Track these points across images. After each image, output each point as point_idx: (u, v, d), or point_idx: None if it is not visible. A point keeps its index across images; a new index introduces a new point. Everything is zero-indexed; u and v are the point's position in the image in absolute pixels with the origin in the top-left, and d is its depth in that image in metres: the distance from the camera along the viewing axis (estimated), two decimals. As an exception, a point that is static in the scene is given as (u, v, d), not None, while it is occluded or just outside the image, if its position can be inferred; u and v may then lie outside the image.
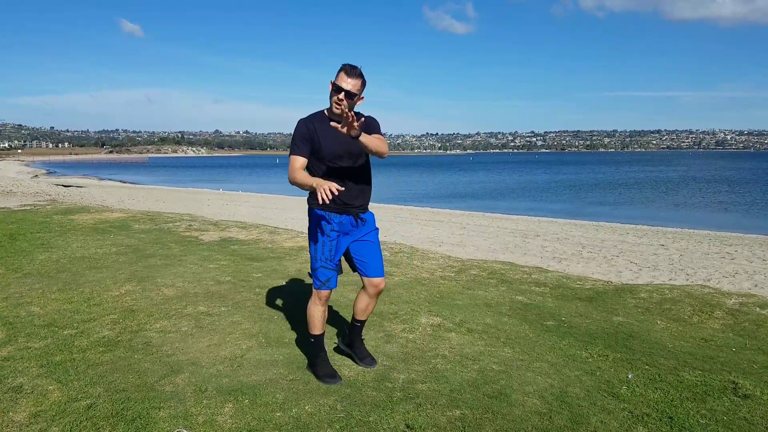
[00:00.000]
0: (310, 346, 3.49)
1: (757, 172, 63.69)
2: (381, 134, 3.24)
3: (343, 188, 2.99)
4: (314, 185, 2.94)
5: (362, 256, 3.41)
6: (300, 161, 3.19)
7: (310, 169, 3.25)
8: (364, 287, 3.49)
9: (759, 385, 3.33)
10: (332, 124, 2.90)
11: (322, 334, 3.45)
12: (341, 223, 3.30)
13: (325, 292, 3.35)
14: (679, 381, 3.39)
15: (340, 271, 3.38)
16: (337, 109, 3.12)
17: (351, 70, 3.12)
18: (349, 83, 3.10)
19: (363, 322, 3.63)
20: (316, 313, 3.39)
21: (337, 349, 3.77)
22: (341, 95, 3.10)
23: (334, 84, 3.12)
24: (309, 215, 3.38)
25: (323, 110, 3.28)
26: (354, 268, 3.49)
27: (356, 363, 3.58)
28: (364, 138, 2.95)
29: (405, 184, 43.31)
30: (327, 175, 3.19)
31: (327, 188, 2.84)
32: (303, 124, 3.24)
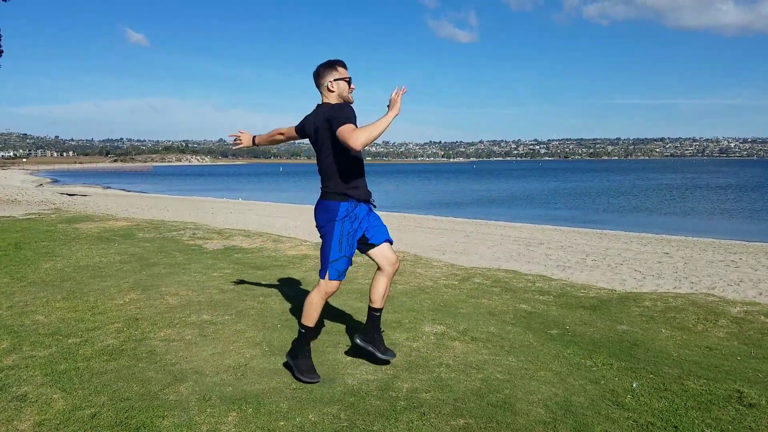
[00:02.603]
0: (300, 337, 3.46)
1: (761, 179, 63.54)
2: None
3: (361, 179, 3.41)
4: (393, 114, 3.09)
5: (374, 233, 3.51)
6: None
7: (343, 159, 3.34)
8: (379, 268, 3.53)
9: (764, 393, 3.31)
10: None
11: (314, 328, 3.49)
12: (361, 211, 3.45)
13: (337, 284, 3.40)
14: (684, 390, 3.38)
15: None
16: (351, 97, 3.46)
17: (344, 62, 3.47)
18: (347, 72, 3.46)
19: (381, 311, 3.60)
20: (320, 305, 3.43)
21: (355, 348, 3.72)
22: (353, 84, 3.45)
23: (346, 78, 3.41)
24: (329, 209, 3.38)
25: (327, 104, 3.41)
26: (366, 250, 3.54)
27: (377, 357, 3.56)
28: None
29: (405, 194, 43.31)
30: (355, 164, 3.39)
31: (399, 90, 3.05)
32: (346, 105, 3.36)
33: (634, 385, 3.43)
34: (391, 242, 3.59)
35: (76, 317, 4.62)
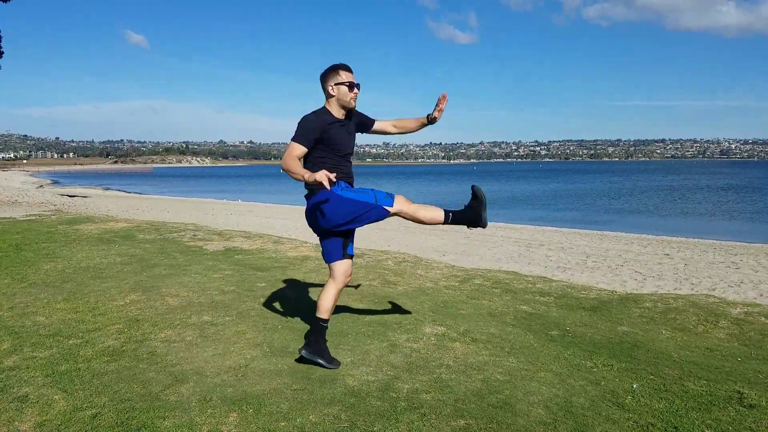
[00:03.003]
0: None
1: (762, 180, 63.51)
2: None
3: (341, 178, 3.45)
4: (306, 177, 3.11)
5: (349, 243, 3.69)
6: (300, 150, 3.36)
7: (322, 161, 3.43)
8: (332, 278, 3.62)
9: (765, 394, 3.31)
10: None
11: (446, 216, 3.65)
12: None
13: (401, 198, 3.53)
14: (684, 391, 3.38)
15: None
16: (355, 102, 3.54)
17: (348, 66, 3.51)
18: (352, 76, 3.49)
19: (327, 322, 3.68)
20: (420, 213, 3.56)
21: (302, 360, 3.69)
22: (355, 89, 3.49)
23: (346, 83, 3.44)
24: (324, 195, 3.43)
25: (324, 108, 3.51)
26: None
27: (324, 366, 3.60)
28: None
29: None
30: (337, 166, 3.46)
31: (325, 175, 3.03)
32: (315, 116, 3.44)
33: (634, 386, 3.43)
34: (352, 257, 3.71)
35: (76, 318, 4.62)
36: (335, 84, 3.43)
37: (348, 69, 3.48)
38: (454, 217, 3.64)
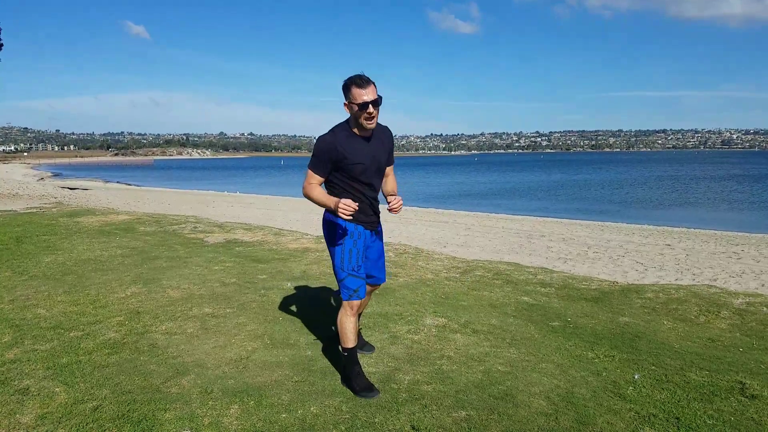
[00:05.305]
0: (344, 360, 3.30)
1: (765, 170, 63.39)
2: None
3: (360, 205, 3.12)
4: (332, 207, 2.99)
5: (370, 261, 3.46)
6: (317, 178, 3.12)
7: (337, 186, 3.19)
8: None
9: (767, 385, 3.31)
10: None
11: (355, 348, 3.29)
12: (364, 234, 3.30)
13: (356, 302, 3.23)
14: (686, 381, 3.37)
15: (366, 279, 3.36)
16: (370, 123, 3.06)
17: (362, 82, 2.98)
18: (369, 93, 2.97)
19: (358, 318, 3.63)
20: (348, 324, 3.23)
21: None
22: (370, 108, 2.99)
23: (356, 104, 2.98)
24: (328, 225, 3.26)
25: (346, 123, 3.15)
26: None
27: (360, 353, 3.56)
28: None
29: (406, 186, 43.35)
30: (355, 191, 3.19)
31: (347, 205, 2.88)
32: (329, 139, 3.09)
33: (636, 377, 3.43)
34: (379, 284, 3.59)
35: (77, 311, 4.62)
36: (347, 102, 3.03)
37: (361, 84, 2.97)
38: (347, 357, 3.27)
